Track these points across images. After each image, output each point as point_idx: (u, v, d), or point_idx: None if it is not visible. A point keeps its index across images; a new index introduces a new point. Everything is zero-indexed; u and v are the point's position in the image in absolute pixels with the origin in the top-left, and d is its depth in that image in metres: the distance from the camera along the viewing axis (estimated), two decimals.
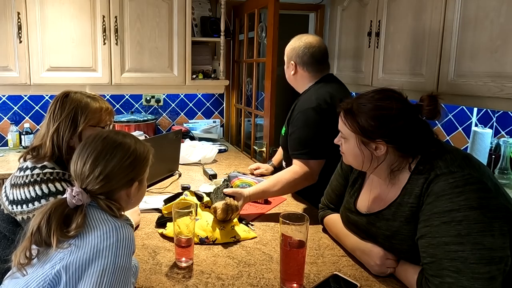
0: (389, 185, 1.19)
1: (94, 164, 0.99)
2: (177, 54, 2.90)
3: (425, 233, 1.05)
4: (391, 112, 1.11)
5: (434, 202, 1.04)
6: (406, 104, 1.13)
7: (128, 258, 0.92)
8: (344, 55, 3.26)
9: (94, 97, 1.41)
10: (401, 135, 1.11)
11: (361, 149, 1.16)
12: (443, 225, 1.00)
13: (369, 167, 1.19)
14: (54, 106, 1.35)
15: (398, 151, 1.13)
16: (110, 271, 0.88)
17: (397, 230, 1.14)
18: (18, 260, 0.93)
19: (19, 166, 1.34)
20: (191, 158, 2.50)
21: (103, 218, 0.96)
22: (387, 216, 1.18)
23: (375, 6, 2.75)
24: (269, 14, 2.63)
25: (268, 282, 1.16)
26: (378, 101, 1.13)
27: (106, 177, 0.98)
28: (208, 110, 3.48)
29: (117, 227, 0.93)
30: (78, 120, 1.34)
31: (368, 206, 1.27)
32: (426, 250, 1.04)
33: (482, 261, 0.95)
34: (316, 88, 1.83)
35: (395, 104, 1.11)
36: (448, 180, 1.03)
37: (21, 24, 2.54)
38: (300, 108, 1.76)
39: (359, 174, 1.35)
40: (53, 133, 1.32)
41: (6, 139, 2.97)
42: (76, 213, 0.94)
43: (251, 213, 1.67)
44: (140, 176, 1.07)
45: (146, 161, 1.09)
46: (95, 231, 0.92)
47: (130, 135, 1.10)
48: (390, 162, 1.16)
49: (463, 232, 0.97)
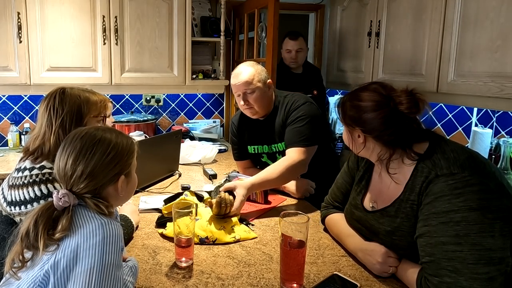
0: (394, 182, 1.19)
1: (75, 164, 0.96)
2: (177, 54, 2.90)
3: (424, 232, 1.05)
4: (366, 103, 1.16)
5: (432, 203, 1.04)
6: (384, 97, 1.15)
7: (116, 255, 0.90)
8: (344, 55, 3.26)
9: (90, 90, 1.44)
10: (375, 126, 1.15)
11: (349, 136, 1.25)
12: (441, 225, 1.01)
13: (361, 154, 1.26)
14: (53, 102, 1.34)
15: (377, 141, 1.17)
16: (98, 270, 0.86)
17: (398, 226, 1.15)
18: (10, 266, 0.92)
19: (16, 167, 1.33)
20: (191, 158, 2.50)
21: (90, 216, 0.94)
22: (390, 213, 1.18)
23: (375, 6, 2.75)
24: (269, 14, 2.63)
25: (268, 282, 1.16)
26: (358, 92, 1.20)
27: (89, 176, 0.96)
28: (208, 110, 3.48)
29: (103, 224, 0.91)
30: (83, 113, 1.36)
31: (374, 203, 1.28)
32: (425, 249, 1.04)
33: (480, 261, 0.95)
34: (286, 93, 1.99)
35: (372, 97, 1.16)
36: (447, 182, 1.03)
37: (21, 24, 2.54)
38: (296, 105, 1.88)
39: (365, 172, 1.36)
40: (58, 129, 1.31)
41: (6, 139, 2.97)
42: (63, 215, 0.93)
43: (251, 213, 1.67)
44: (126, 170, 1.04)
45: (130, 153, 1.05)
46: (81, 229, 0.90)
47: (111, 130, 1.07)
48: (377, 151, 1.20)
49: (461, 233, 0.97)
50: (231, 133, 2.15)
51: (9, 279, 0.94)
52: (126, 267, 1.06)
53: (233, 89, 1.91)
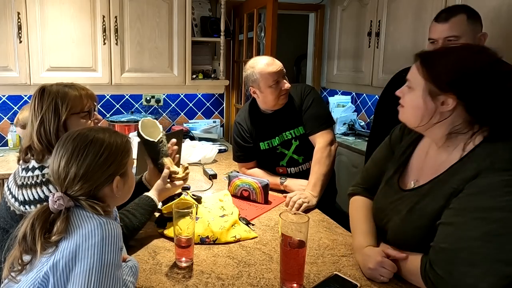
0: (439, 160, 1.11)
1: (67, 167, 0.95)
2: (177, 54, 2.90)
3: (453, 222, 0.99)
4: (473, 66, 1.01)
5: (475, 195, 0.97)
6: (495, 64, 1.01)
7: (116, 255, 0.90)
8: (344, 55, 3.26)
9: (72, 85, 1.39)
10: (476, 93, 1.00)
11: (426, 101, 1.07)
12: (476, 221, 0.95)
13: (427, 124, 1.09)
14: (34, 102, 1.34)
15: (466, 111, 1.03)
16: (97, 270, 0.86)
17: (423, 205, 1.09)
18: (9, 271, 0.92)
19: (23, 166, 1.33)
20: (191, 158, 2.50)
21: (88, 216, 0.93)
22: (422, 191, 1.11)
23: (375, 6, 2.75)
24: (267, 14, 2.63)
25: (268, 282, 1.16)
26: (463, 51, 1.06)
27: (82, 178, 0.95)
28: (208, 110, 3.48)
29: (102, 224, 0.91)
30: (60, 110, 1.32)
31: (416, 181, 1.18)
32: (447, 238, 0.99)
33: (502, 261, 0.91)
34: None
35: (481, 59, 1.02)
36: (501, 176, 0.94)
37: (21, 24, 2.54)
38: (307, 90, 1.99)
39: (407, 147, 1.26)
40: (38, 128, 1.31)
41: (6, 139, 2.97)
42: (59, 218, 0.92)
43: (251, 213, 1.67)
44: (121, 170, 1.01)
45: (124, 153, 1.02)
46: (79, 230, 0.90)
47: (105, 129, 1.05)
48: (453, 122, 1.05)
49: (494, 232, 0.92)
50: (237, 136, 2.07)
51: (8, 283, 0.94)
52: (126, 267, 1.06)
53: (272, 77, 1.86)
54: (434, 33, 1.59)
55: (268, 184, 1.79)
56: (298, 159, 2.00)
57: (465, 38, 1.50)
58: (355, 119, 3.46)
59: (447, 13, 1.54)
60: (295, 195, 1.73)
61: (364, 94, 3.48)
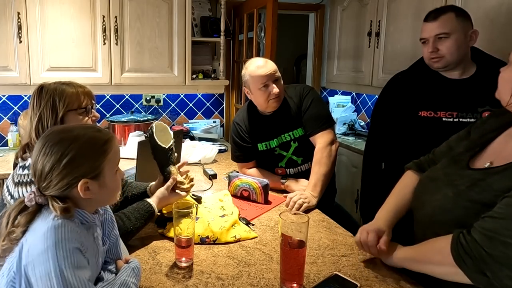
0: None
1: (36, 163, 0.94)
2: (177, 54, 2.90)
3: None
4: None
5: None
6: None
7: (71, 257, 0.87)
8: (344, 55, 3.26)
9: (69, 83, 1.41)
10: None
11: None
12: None
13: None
14: (33, 100, 1.36)
15: None
16: (55, 274, 0.84)
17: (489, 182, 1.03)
18: None
19: (20, 164, 1.33)
20: (191, 158, 2.50)
21: (46, 217, 0.91)
22: (494, 171, 1.05)
23: (375, 6, 2.75)
24: (267, 14, 2.63)
25: (268, 282, 1.16)
26: None
27: (47, 176, 0.93)
28: (208, 110, 3.48)
29: (55, 228, 0.88)
30: (57, 106, 1.34)
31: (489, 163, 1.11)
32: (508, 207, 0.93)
33: None
34: (286, 85, 2.05)
35: None
36: None
37: (21, 24, 2.54)
38: (306, 91, 1.98)
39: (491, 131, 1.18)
40: (37, 125, 1.32)
41: (6, 139, 2.97)
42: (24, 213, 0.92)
43: (251, 213, 1.67)
44: (93, 172, 0.95)
45: (99, 154, 0.96)
46: (35, 232, 0.90)
47: (88, 127, 1.00)
48: None
49: None
50: (236, 136, 2.06)
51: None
52: (128, 268, 1.06)
53: (260, 80, 1.84)
54: (424, 32, 1.63)
55: (268, 184, 1.79)
56: (297, 160, 2.00)
57: (456, 35, 1.54)
58: (355, 119, 3.47)
59: (436, 13, 1.60)
60: (295, 195, 1.73)
61: (364, 94, 3.48)
